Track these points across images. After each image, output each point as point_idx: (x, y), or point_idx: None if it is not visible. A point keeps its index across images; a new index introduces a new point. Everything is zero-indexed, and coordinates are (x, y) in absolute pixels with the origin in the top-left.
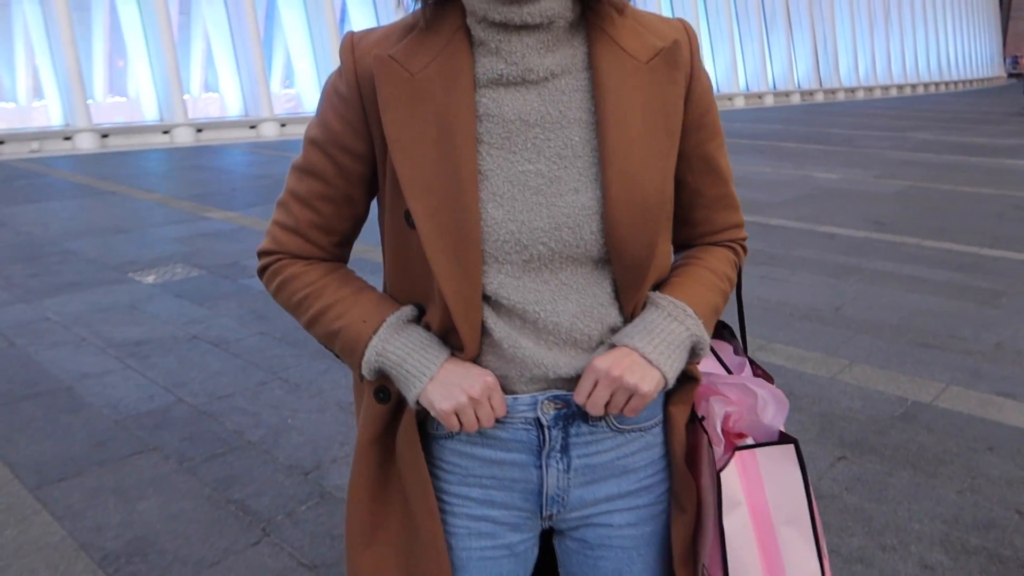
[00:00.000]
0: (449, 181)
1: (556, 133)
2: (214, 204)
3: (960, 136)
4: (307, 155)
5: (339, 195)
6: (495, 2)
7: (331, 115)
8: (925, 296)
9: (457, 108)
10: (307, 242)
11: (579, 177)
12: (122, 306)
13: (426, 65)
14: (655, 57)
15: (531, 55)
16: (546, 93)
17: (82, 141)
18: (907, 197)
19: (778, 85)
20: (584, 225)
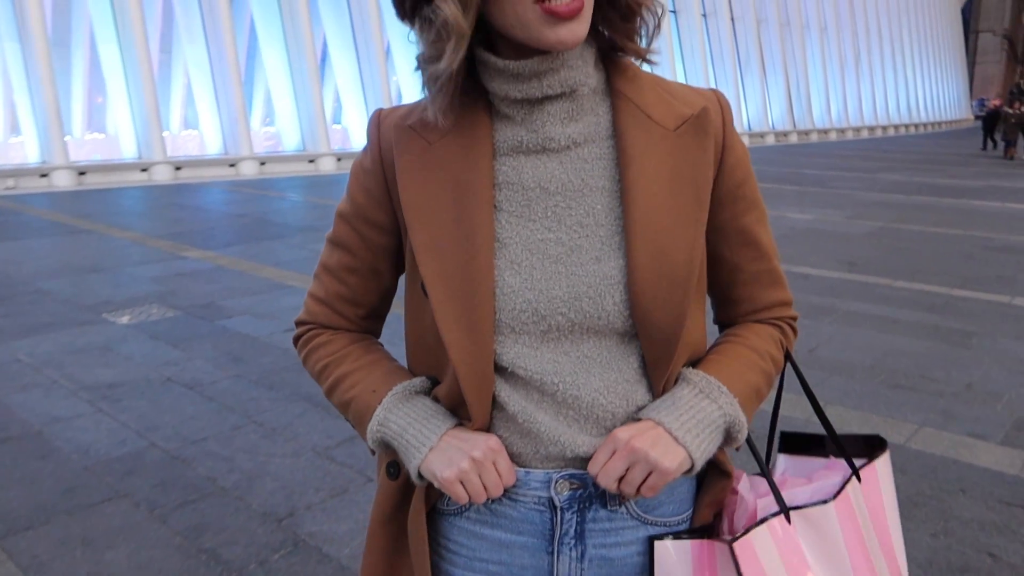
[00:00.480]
0: (463, 248)
1: (577, 201)
2: (191, 243)
3: (929, 177)
4: (336, 228)
5: (365, 267)
6: (515, 80)
7: (356, 189)
8: (897, 337)
9: (474, 175)
10: (335, 313)
11: (601, 246)
12: (95, 347)
13: (445, 134)
14: (683, 124)
15: (552, 124)
16: (568, 161)
17: (59, 178)
18: (879, 238)
19: (753, 126)
20: (606, 295)
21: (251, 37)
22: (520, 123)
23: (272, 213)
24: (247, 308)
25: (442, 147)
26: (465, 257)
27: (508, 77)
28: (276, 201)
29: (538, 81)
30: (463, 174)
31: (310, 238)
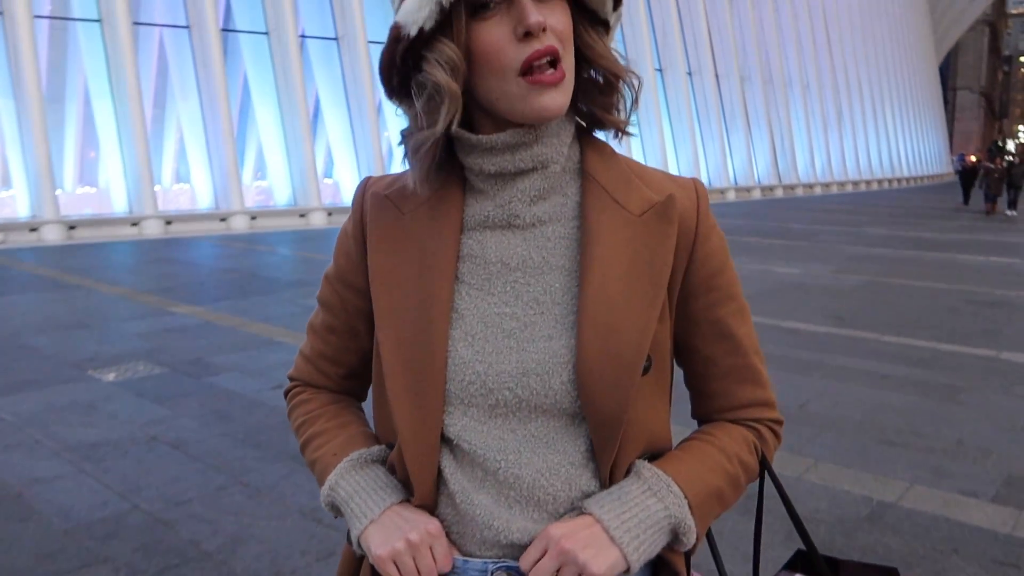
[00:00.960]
0: (420, 316)
1: (536, 278)
2: (180, 298)
3: (913, 231)
4: (321, 289)
5: (344, 327)
6: (489, 154)
7: (339, 252)
8: (887, 392)
9: (439, 248)
10: (318, 371)
11: (554, 324)
12: (80, 405)
13: (418, 206)
14: (648, 211)
15: (520, 201)
16: (531, 238)
17: (48, 233)
18: (865, 292)
19: (739, 181)
20: (554, 373)
21: (244, 92)
22: (490, 197)
23: (262, 268)
24: (235, 364)
25: (413, 218)
26: (421, 326)
27: (482, 151)
28: (266, 255)
29: (511, 154)
30: (429, 246)
31: (300, 293)
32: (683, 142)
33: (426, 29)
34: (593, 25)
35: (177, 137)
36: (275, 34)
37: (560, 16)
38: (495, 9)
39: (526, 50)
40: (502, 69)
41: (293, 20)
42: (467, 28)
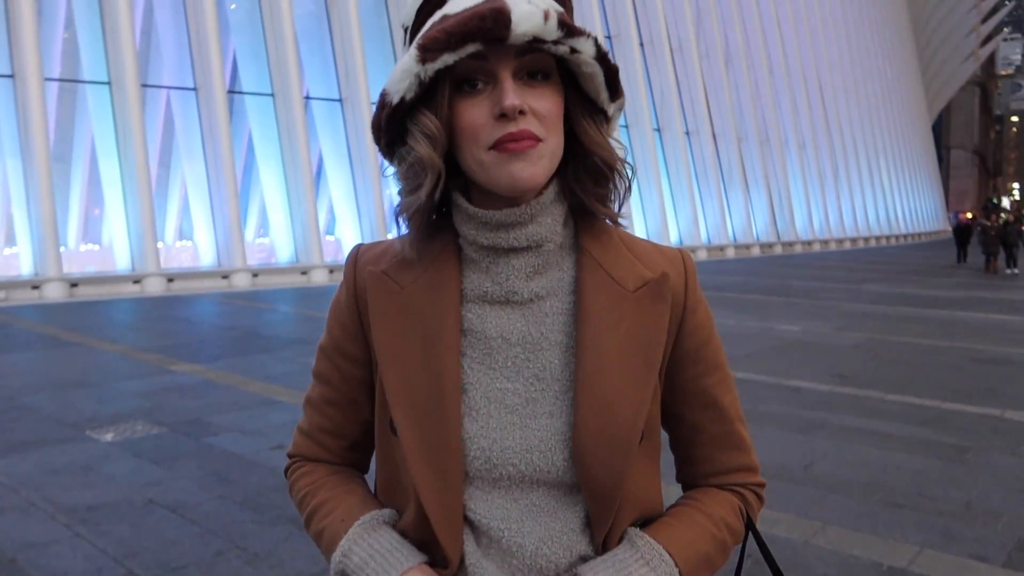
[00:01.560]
0: (432, 393)
1: (536, 354)
2: (180, 356)
3: (912, 288)
4: (317, 362)
5: (344, 399)
6: (484, 228)
7: (334, 322)
8: (893, 453)
9: (443, 321)
10: (319, 445)
11: (555, 401)
12: (77, 467)
13: (416, 279)
14: (642, 287)
15: (517, 278)
16: (530, 314)
17: (51, 290)
18: (867, 350)
19: (738, 238)
20: (556, 450)
21: (248, 151)
22: (486, 271)
23: (263, 325)
24: (234, 424)
25: (413, 292)
26: (434, 401)
27: (478, 224)
28: (267, 313)
29: (505, 232)
30: (432, 320)
31: (300, 351)
32: (682, 200)
33: (406, 99)
34: (592, 113)
35: (181, 195)
36: (280, 96)
37: (548, 101)
38: (481, 88)
39: (500, 131)
40: (477, 146)
41: (298, 82)
42: (450, 102)
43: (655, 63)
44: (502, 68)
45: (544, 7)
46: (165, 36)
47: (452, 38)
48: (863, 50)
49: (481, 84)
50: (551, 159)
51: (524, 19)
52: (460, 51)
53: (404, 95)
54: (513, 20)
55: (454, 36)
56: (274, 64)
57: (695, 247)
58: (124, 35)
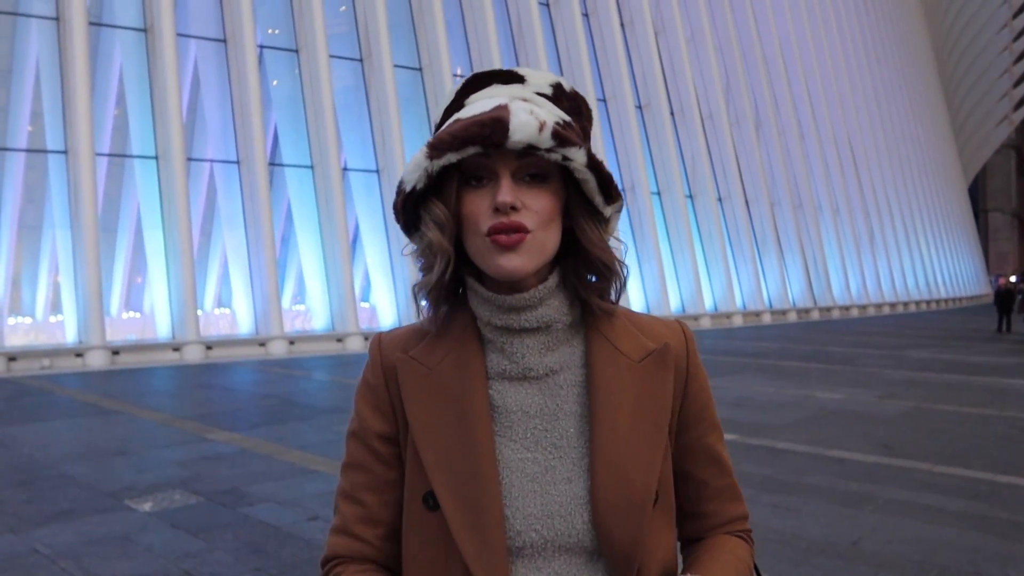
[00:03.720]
0: (470, 465)
1: (553, 425)
2: (218, 424)
3: (956, 354)
4: (348, 450)
5: (379, 481)
6: (497, 311)
7: (363, 405)
8: (944, 528)
9: (473, 396)
10: (355, 539)
11: (572, 467)
12: (115, 537)
13: (441, 360)
14: (647, 357)
15: (531, 355)
16: (546, 388)
17: (93, 358)
18: (913, 419)
19: (774, 304)
20: (576, 515)
21: (287, 220)
22: (502, 351)
23: (299, 394)
24: (270, 494)
25: (441, 372)
26: (472, 474)
27: (492, 306)
28: (303, 381)
29: (516, 315)
30: (463, 397)
31: (335, 419)
32: (716, 266)
33: (417, 188)
34: (591, 214)
35: (221, 263)
36: (319, 167)
37: (545, 200)
38: (486, 183)
39: (494, 219)
40: (477, 232)
41: (336, 153)
42: (458, 193)
43: (686, 131)
44: (502, 167)
45: (542, 119)
46: (210, 112)
47: (456, 140)
48: (894, 114)
49: (485, 179)
50: (540, 252)
51: (520, 128)
52: (462, 152)
53: (415, 185)
54: (510, 129)
55: (457, 139)
56: (313, 137)
57: (730, 313)
58: (172, 112)
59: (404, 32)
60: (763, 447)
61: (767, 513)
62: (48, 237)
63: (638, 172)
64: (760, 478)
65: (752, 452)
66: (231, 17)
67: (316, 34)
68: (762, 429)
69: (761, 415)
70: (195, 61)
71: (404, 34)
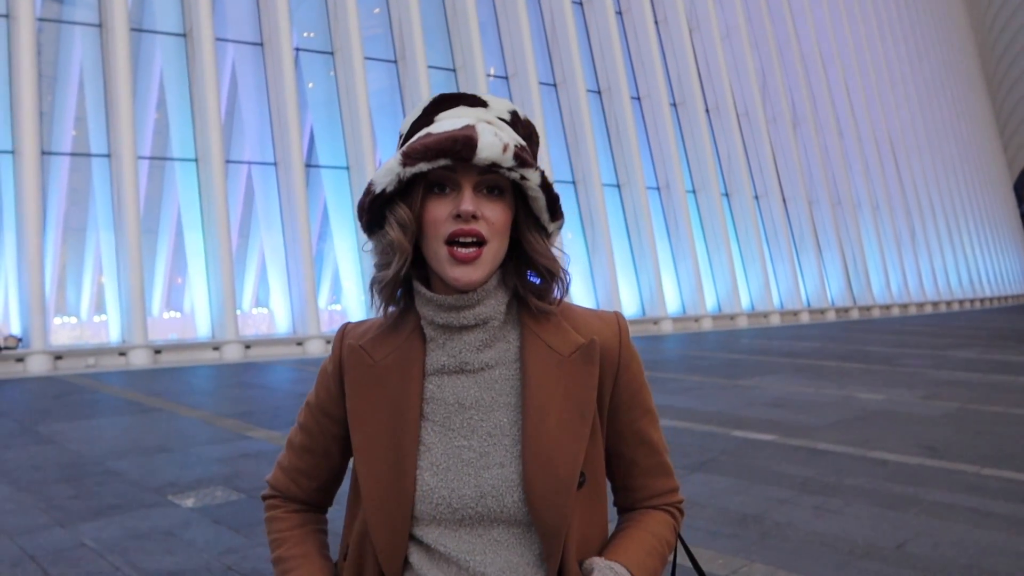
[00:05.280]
0: (392, 450)
1: (488, 415)
2: (257, 423)
3: (1002, 355)
4: (303, 414)
5: (320, 449)
6: (439, 309)
7: (320, 386)
8: (993, 532)
9: (407, 392)
10: (293, 483)
11: (505, 453)
12: (159, 532)
13: (387, 355)
14: (575, 352)
15: (468, 351)
16: (482, 381)
17: (136, 357)
18: (957, 420)
19: (812, 302)
20: (506, 495)
21: (323, 221)
22: (442, 347)
23: None
24: None
25: (384, 366)
26: (393, 458)
27: (434, 306)
28: None
29: (456, 313)
30: (398, 391)
31: None
32: (753, 265)
33: (387, 191)
34: (537, 228)
35: (259, 263)
36: (355, 168)
37: (499, 213)
38: (448, 192)
39: (455, 226)
40: (437, 236)
41: (372, 154)
42: (423, 199)
43: (721, 128)
44: (465, 180)
45: (506, 140)
46: (248, 115)
47: (429, 152)
48: (936, 109)
49: (448, 189)
50: (492, 262)
51: (487, 147)
52: (434, 163)
53: (386, 188)
54: (479, 147)
55: (430, 151)
56: (349, 139)
57: (767, 312)
58: (211, 115)
59: (438, 33)
60: (803, 448)
61: (808, 515)
62: (92, 239)
63: (673, 170)
64: (801, 479)
65: (791, 453)
66: (268, 20)
67: (351, 36)
68: (801, 430)
69: (800, 415)
70: (233, 64)
71: (438, 35)
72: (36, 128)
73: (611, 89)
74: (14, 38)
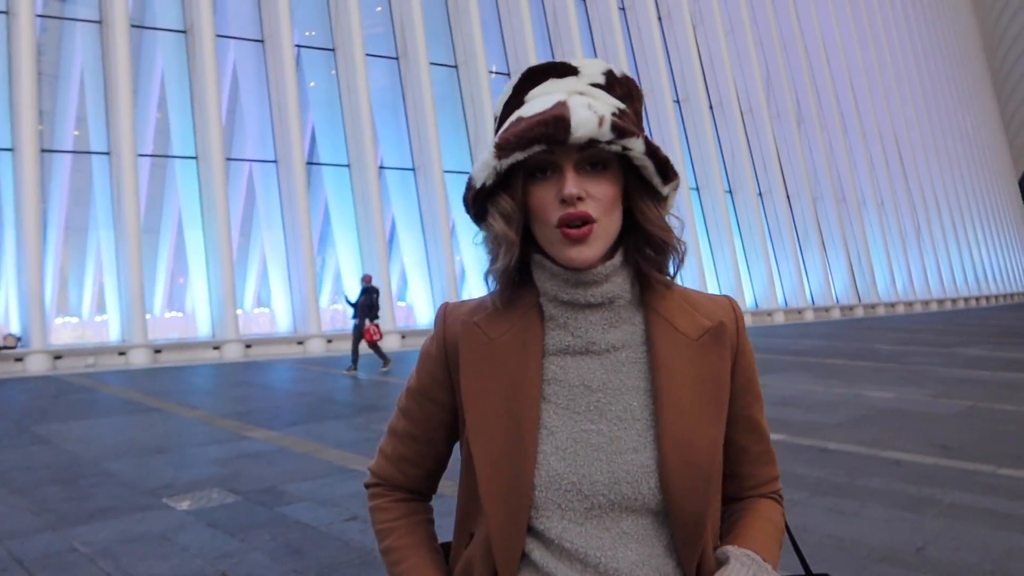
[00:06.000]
0: (511, 433)
1: (616, 398)
2: (256, 423)
3: (1012, 352)
4: (404, 399)
5: (424, 436)
6: (564, 285)
7: (423, 371)
8: (1014, 535)
9: (526, 371)
10: (398, 471)
11: (637, 438)
12: (152, 536)
13: (503, 332)
14: (704, 335)
15: (594, 331)
16: (608, 363)
17: (136, 356)
18: (970, 419)
19: (817, 300)
20: (642, 482)
21: (324, 219)
22: (564, 327)
23: (336, 391)
24: (308, 494)
25: (501, 344)
26: (512, 441)
27: (559, 280)
28: (340, 379)
29: (583, 290)
30: (517, 370)
31: (372, 418)
32: (757, 262)
33: (487, 185)
34: (649, 195)
35: (260, 263)
36: (356, 165)
37: (606, 186)
38: (549, 175)
39: (561, 210)
40: (546, 222)
41: (373, 152)
42: (524, 186)
43: (725, 125)
44: (565, 160)
45: (601, 112)
46: (249, 113)
47: (521, 141)
48: (941, 106)
49: (549, 172)
50: (605, 238)
51: (581, 125)
52: (528, 150)
53: (485, 182)
54: (572, 126)
55: (523, 140)
56: (351, 136)
57: (771, 310)
58: (211, 113)
59: (440, 30)
60: (814, 447)
61: (822, 517)
62: (93, 238)
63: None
64: (813, 480)
65: (802, 453)
66: (269, 17)
67: (352, 33)
68: (812, 429)
69: (810, 414)
70: (234, 62)
71: (440, 32)
72: (35, 125)
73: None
74: (13, 35)
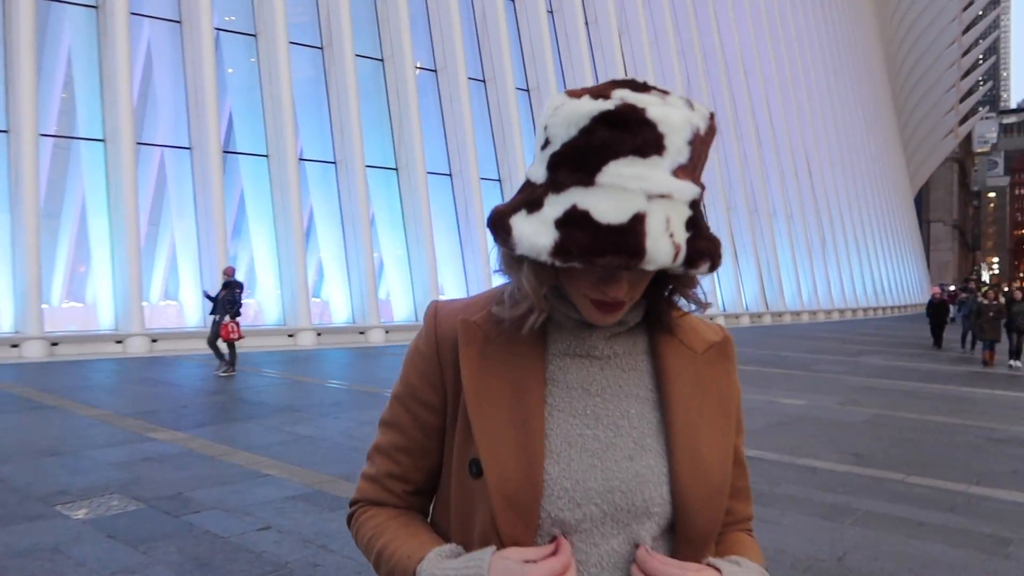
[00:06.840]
0: (518, 436)
1: (614, 404)
2: (161, 423)
3: (910, 362)
4: (390, 410)
5: (415, 445)
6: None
7: (411, 371)
8: (927, 543)
9: (529, 372)
10: (384, 490)
11: (633, 446)
12: (43, 549)
13: (504, 331)
14: (709, 349)
15: (598, 338)
16: (608, 368)
17: (29, 349)
18: (877, 426)
19: (728, 308)
20: (636, 492)
21: (239, 211)
22: (570, 331)
23: (248, 391)
24: (217, 501)
25: (501, 344)
26: (520, 445)
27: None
28: (253, 377)
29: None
30: (520, 371)
31: (287, 419)
32: None
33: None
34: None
35: (169, 254)
36: (275, 156)
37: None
38: None
39: (597, 295)
40: (577, 290)
41: (293, 143)
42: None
43: None
44: None
45: (679, 242)
46: (162, 96)
47: (585, 256)
48: (848, 124)
49: None
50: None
51: (656, 258)
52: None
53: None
54: (647, 256)
55: (588, 256)
56: (270, 126)
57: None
58: (122, 94)
59: (366, 21)
60: None
61: None
62: None
63: None
64: None
65: None
66: None
67: (275, 19)
68: None
69: None
70: (148, 42)
71: (366, 24)
72: None
73: (540, 87)
74: None
